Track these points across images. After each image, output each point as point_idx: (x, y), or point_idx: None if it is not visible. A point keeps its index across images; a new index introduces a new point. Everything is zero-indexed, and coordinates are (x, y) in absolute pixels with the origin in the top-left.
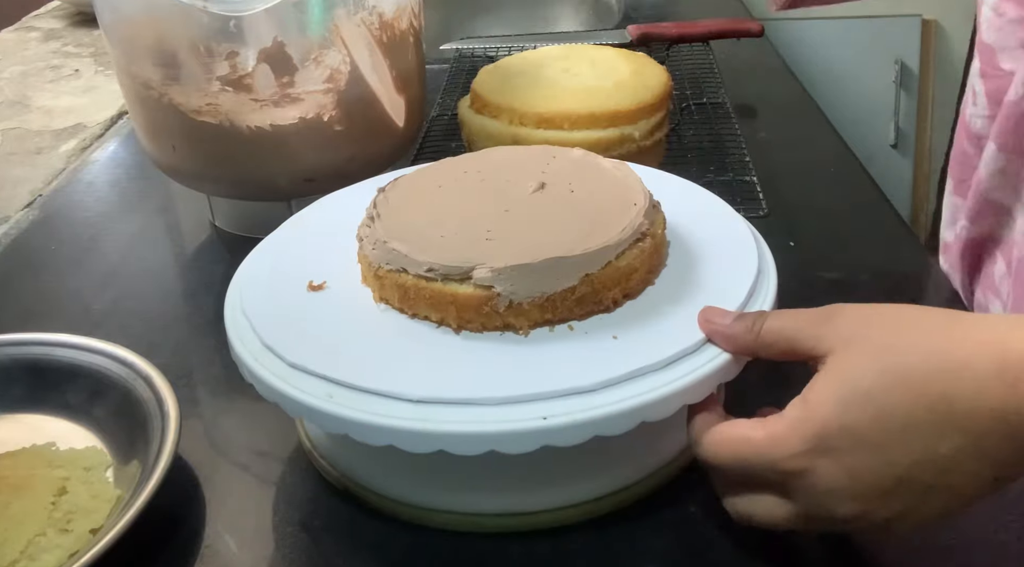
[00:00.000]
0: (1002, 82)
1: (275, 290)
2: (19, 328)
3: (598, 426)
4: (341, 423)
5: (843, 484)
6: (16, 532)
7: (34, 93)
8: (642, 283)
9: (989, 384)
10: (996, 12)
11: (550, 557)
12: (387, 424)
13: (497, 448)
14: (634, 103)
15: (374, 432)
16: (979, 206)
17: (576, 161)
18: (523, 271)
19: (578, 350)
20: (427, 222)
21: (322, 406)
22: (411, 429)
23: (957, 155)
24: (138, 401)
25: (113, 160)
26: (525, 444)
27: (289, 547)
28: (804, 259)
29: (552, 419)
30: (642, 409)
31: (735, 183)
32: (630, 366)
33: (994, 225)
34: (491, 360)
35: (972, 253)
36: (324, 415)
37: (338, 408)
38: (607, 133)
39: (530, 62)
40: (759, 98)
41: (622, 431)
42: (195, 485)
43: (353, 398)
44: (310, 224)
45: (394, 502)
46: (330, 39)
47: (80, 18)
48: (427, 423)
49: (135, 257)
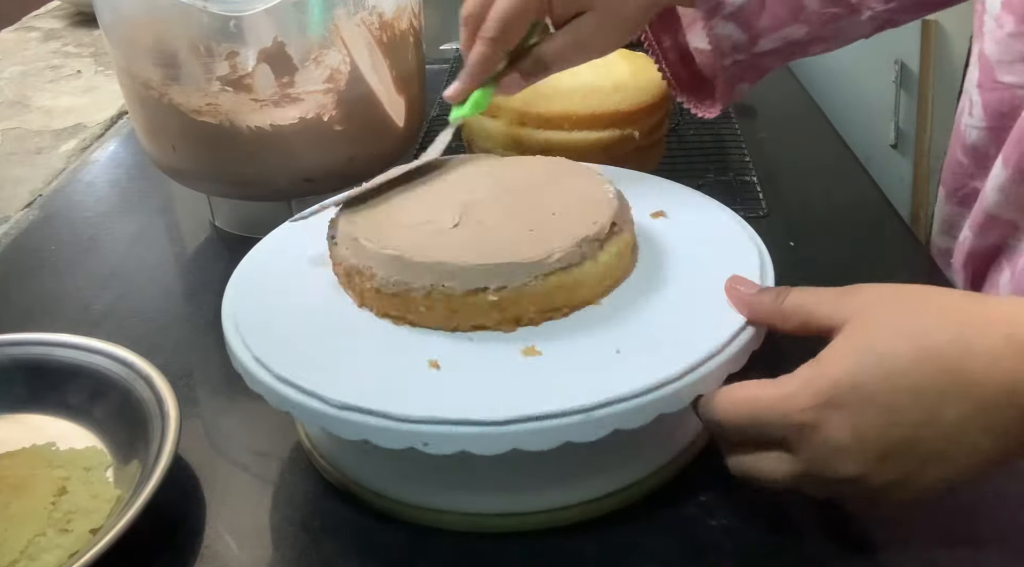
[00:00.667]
0: (1001, 95)
1: (269, 296)
2: (19, 328)
3: (620, 419)
4: (361, 429)
5: (849, 441)
6: (16, 532)
7: (34, 93)
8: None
9: (1000, 357)
10: (997, 24)
11: (550, 557)
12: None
13: (519, 446)
14: (634, 103)
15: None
16: (985, 220)
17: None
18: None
19: (579, 354)
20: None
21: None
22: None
23: (951, 164)
24: (138, 401)
25: (113, 160)
26: (547, 441)
27: (289, 547)
28: (804, 259)
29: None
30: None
31: (735, 183)
32: (644, 370)
33: (1000, 238)
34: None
35: (976, 263)
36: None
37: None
38: (607, 133)
39: None
40: (759, 98)
41: (640, 425)
42: (195, 485)
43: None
44: (308, 223)
45: (394, 502)
46: (330, 39)
47: (80, 18)
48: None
49: (135, 257)
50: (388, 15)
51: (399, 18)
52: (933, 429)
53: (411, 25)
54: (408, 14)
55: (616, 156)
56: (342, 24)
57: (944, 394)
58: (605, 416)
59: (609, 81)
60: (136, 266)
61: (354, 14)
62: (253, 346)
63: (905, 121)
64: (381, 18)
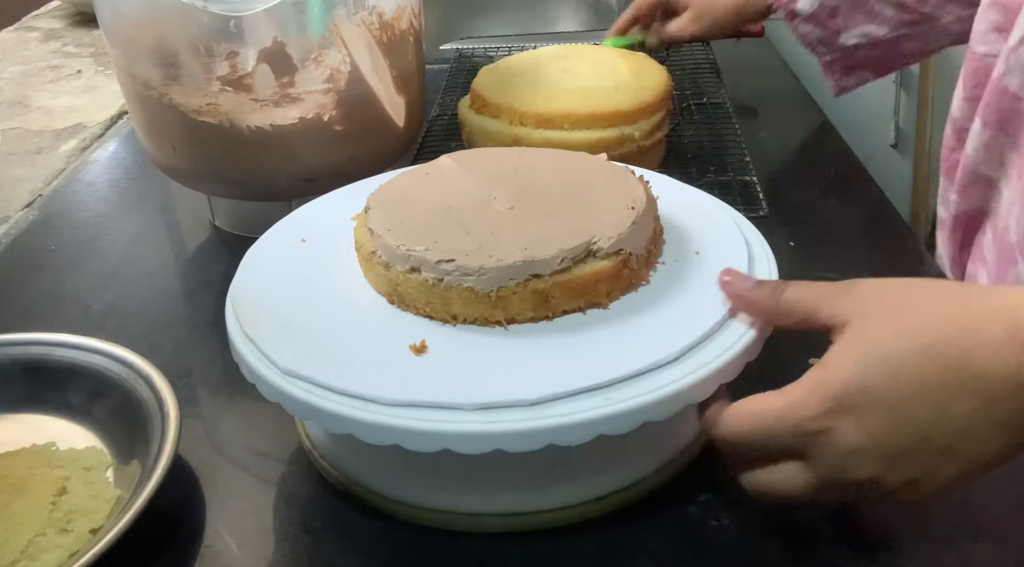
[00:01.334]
0: (979, 64)
1: (272, 291)
2: (19, 328)
3: (605, 424)
4: (391, 432)
5: (862, 444)
6: (16, 532)
7: (34, 93)
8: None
9: (1002, 348)
10: None
11: (550, 557)
12: (444, 429)
13: (501, 447)
14: (634, 103)
15: (429, 438)
16: (967, 179)
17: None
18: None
19: (576, 347)
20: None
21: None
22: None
23: (944, 143)
24: (138, 401)
25: (113, 160)
26: (532, 442)
27: (289, 547)
28: (804, 259)
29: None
30: (645, 409)
31: (735, 183)
32: (637, 364)
33: (983, 199)
34: (494, 356)
35: (963, 226)
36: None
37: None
38: (607, 133)
39: (530, 62)
40: (759, 98)
41: (626, 430)
42: (195, 485)
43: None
44: (308, 222)
45: (394, 502)
46: (330, 39)
47: (80, 18)
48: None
49: (135, 257)
50: (388, 15)
51: (399, 18)
52: (943, 426)
53: (411, 25)
54: (408, 14)
55: (616, 156)
56: (342, 24)
57: (952, 391)
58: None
59: (609, 81)
60: (136, 266)
61: (354, 14)
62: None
63: (905, 121)
64: (381, 18)
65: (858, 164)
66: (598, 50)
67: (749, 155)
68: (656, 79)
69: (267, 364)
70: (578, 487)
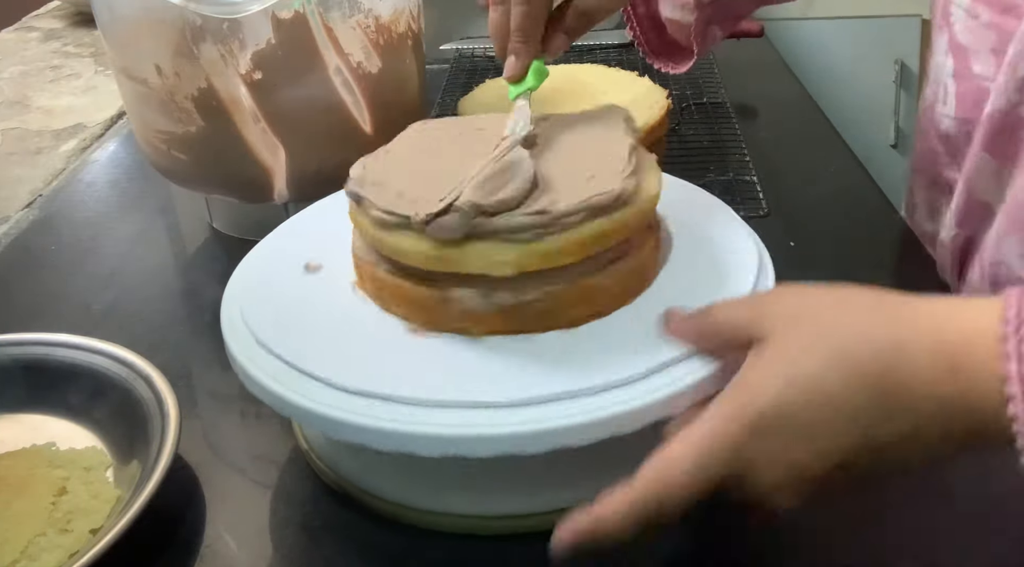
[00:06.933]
0: (975, 85)
1: (270, 292)
2: (19, 328)
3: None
4: (403, 438)
5: (783, 477)
6: (16, 532)
7: (34, 93)
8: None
9: (923, 371)
10: (969, 14)
11: (549, 558)
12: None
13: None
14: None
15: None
16: (968, 207)
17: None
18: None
19: (576, 350)
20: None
21: (374, 424)
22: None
23: (925, 152)
24: (138, 401)
25: (113, 160)
26: (541, 445)
27: (289, 547)
28: (804, 259)
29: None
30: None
31: (735, 183)
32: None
33: (978, 228)
34: (494, 359)
35: (962, 256)
36: (383, 433)
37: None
38: None
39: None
40: (759, 98)
41: (633, 430)
42: (195, 485)
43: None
44: (306, 226)
45: (392, 504)
46: (325, 42)
47: (80, 18)
48: (440, 427)
49: (135, 257)
50: (385, 18)
51: (396, 21)
52: (866, 450)
53: (409, 27)
54: (406, 16)
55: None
56: (337, 27)
57: (875, 414)
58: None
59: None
60: (136, 266)
61: (349, 17)
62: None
63: (905, 121)
64: (377, 21)
65: (858, 164)
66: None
67: (749, 155)
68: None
69: (259, 365)
70: (578, 489)
